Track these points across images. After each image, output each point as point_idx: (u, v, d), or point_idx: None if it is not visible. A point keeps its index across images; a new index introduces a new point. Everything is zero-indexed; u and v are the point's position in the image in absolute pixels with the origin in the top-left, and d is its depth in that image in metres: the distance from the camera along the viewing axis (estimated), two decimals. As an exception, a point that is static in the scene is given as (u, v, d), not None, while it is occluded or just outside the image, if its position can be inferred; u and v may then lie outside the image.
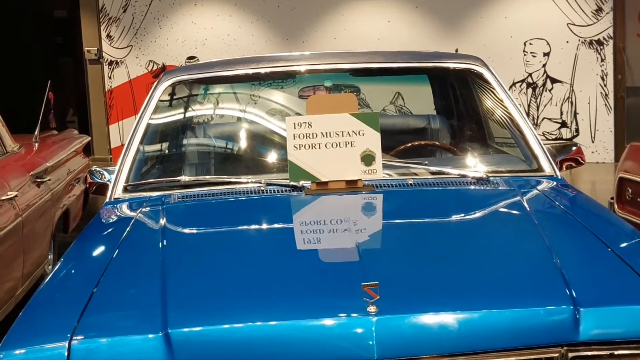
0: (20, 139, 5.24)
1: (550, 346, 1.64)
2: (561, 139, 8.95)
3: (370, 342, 1.60)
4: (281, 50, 9.11)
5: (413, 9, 9.12)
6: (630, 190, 4.35)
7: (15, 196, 4.34)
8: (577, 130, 8.94)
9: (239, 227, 2.69)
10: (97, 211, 2.97)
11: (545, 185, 2.89)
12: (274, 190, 2.84)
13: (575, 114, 8.94)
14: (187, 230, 2.70)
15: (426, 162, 3.13)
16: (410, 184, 2.87)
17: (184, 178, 3.15)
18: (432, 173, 2.96)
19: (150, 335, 1.66)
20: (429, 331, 1.67)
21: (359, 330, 1.63)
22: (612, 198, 4.60)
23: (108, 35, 9.77)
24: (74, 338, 1.66)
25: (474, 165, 3.18)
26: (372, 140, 2.78)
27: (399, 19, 9.23)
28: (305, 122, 2.77)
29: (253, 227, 2.73)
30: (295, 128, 2.74)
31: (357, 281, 1.70)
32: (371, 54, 3.86)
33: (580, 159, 3.22)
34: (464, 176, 2.90)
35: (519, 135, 3.19)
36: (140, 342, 1.66)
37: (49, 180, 5.08)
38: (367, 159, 2.75)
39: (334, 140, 2.77)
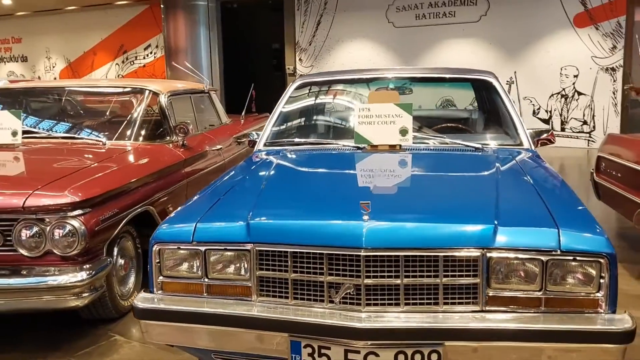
0: (233, 117, 6.21)
1: (477, 247, 1.95)
2: (583, 132, 10.17)
3: (363, 238, 1.95)
4: (399, 65, 11.14)
5: (487, 45, 10.86)
6: (604, 164, 4.83)
7: (221, 148, 5.06)
8: (594, 127, 10.09)
9: (324, 168, 3.05)
10: (249, 155, 3.37)
11: (523, 155, 3.05)
12: (346, 149, 3.16)
13: (594, 116, 10.23)
14: (292, 167, 3.09)
15: (444, 136, 3.28)
16: (431, 149, 3.12)
17: (296, 140, 3.54)
18: (443, 143, 3.21)
19: (239, 223, 2.13)
20: (399, 231, 2.00)
21: (356, 230, 1.98)
22: (592, 169, 5.08)
23: (300, 59, 12.15)
24: (197, 223, 2.15)
25: (473, 139, 3.35)
26: (407, 120, 3.00)
27: (479, 52, 10.93)
28: (366, 108, 3.04)
29: (332, 169, 3.04)
30: (360, 111, 3.05)
31: (359, 200, 2.02)
32: (423, 69, 4.33)
33: (551, 140, 3.43)
34: (462, 145, 3.14)
35: (510, 122, 3.40)
36: (233, 227, 2.14)
37: (245, 140, 5.37)
38: (403, 132, 3.00)
39: (383, 119, 2.99)
